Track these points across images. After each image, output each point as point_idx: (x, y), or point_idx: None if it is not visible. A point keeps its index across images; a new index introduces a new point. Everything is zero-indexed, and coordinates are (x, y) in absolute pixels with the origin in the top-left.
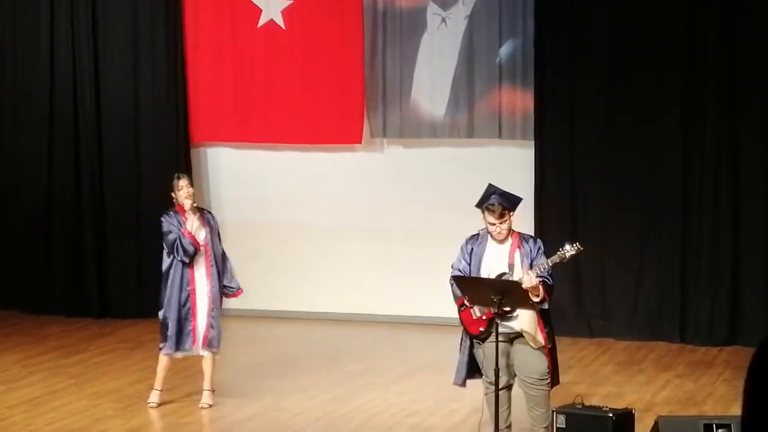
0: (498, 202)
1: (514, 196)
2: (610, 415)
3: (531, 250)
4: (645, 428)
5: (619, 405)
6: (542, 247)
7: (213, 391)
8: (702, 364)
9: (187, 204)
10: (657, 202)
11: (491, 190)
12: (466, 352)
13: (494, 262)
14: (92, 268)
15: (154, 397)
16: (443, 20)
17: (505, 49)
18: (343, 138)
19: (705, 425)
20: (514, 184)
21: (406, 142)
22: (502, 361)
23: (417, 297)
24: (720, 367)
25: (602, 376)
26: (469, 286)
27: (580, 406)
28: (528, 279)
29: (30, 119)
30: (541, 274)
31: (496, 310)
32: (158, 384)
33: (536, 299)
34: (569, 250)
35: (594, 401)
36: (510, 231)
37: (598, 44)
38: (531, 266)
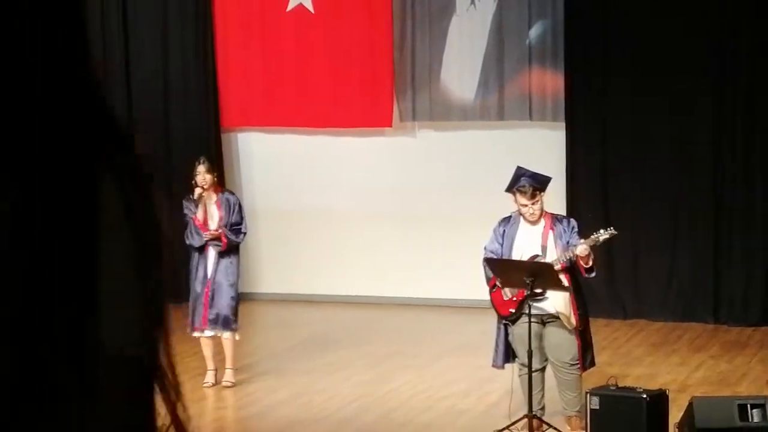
0: (528, 183)
1: (543, 176)
2: (644, 396)
3: (564, 230)
4: (679, 409)
5: (653, 386)
6: (576, 226)
7: (235, 370)
8: (736, 344)
9: (196, 191)
10: (689, 182)
11: (520, 172)
12: (503, 333)
13: (527, 244)
14: None
15: (209, 377)
16: (472, 2)
17: (534, 31)
18: (373, 122)
19: (739, 405)
20: (546, 165)
21: (436, 125)
22: (534, 343)
23: (449, 280)
24: (754, 347)
25: (635, 357)
26: (500, 268)
27: (614, 388)
28: (583, 248)
29: None
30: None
31: (528, 292)
32: (209, 364)
33: (587, 265)
34: (603, 234)
35: (627, 382)
36: (542, 212)
37: (627, 24)
38: (567, 246)
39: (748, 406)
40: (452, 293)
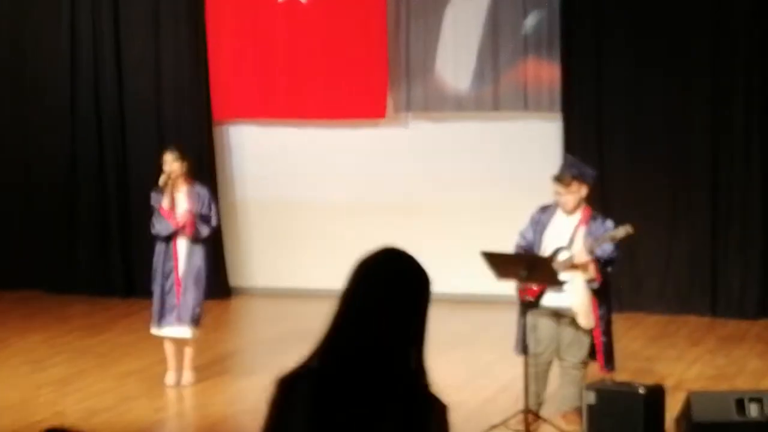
0: (567, 172)
1: (588, 168)
2: (641, 391)
3: (597, 229)
4: (676, 404)
5: (650, 381)
6: (610, 227)
7: (189, 371)
8: (733, 338)
9: (161, 179)
10: (686, 173)
11: (567, 161)
12: (524, 321)
13: (557, 234)
14: (117, 247)
15: (170, 377)
16: None
17: (530, 20)
18: (367, 112)
19: (737, 400)
20: (541, 156)
21: (431, 116)
22: (546, 334)
23: (443, 272)
24: (751, 341)
25: (632, 351)
26: (497, 261)
27: (611, 383)
28: (580, 255)
29: (52, 98)
30: (597, 254)
31: (521, 287)
32: (170, 363)
33: (586, 276)
34: (619, 231)
35: (624, 377)
36: (579, 205)
37: (624, 14)
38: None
39: (746, 400)
40: (446, 286)
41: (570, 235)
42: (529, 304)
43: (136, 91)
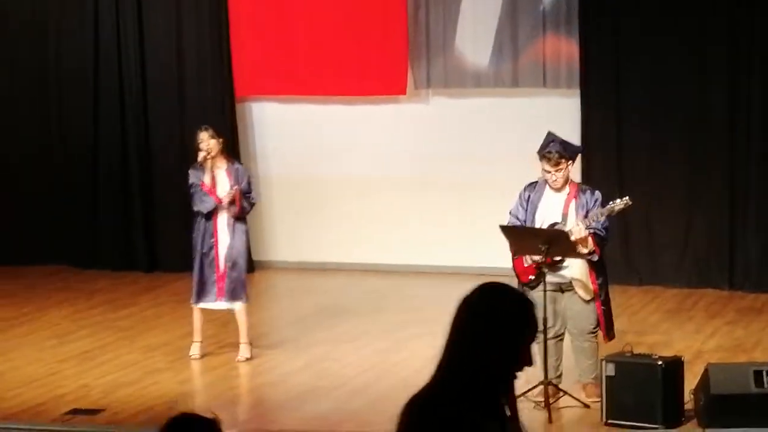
0: (556, 150)
1: (574, 145)
2: (660, 362)
3: (587, 202)
4: (695, 376)
5: (669, 353)
6: (600, 198)
7: (250, 344)
8: (751, 310)
9: (200, 156)
10: (704, 147)
11: (550, 138)
12: None
13: (549, 211)
14: (140, 222)
15: (195, 349)
16: None
17: None
18: (388, 89)
19: (755, 372)
20: (560, 132)
21: (450, 92)
22: (550, 309)
23: (462, 248)
24: None
25: (651, 324)
26: (516, 235)
27: (629, 354)
28: (578, 230)
29: (75, 75)
30: (591, 226)
31: (543, 260)
32: (196, 335)
33: (585, 250)
34: (618, 203)
35: (643, 349)
36: (567, 180)
37: None
38: (586, 217)
39: (764, 372)
40: (466, 261)
41: (561, 210)
42: (531, 283)
43: (158, 69)
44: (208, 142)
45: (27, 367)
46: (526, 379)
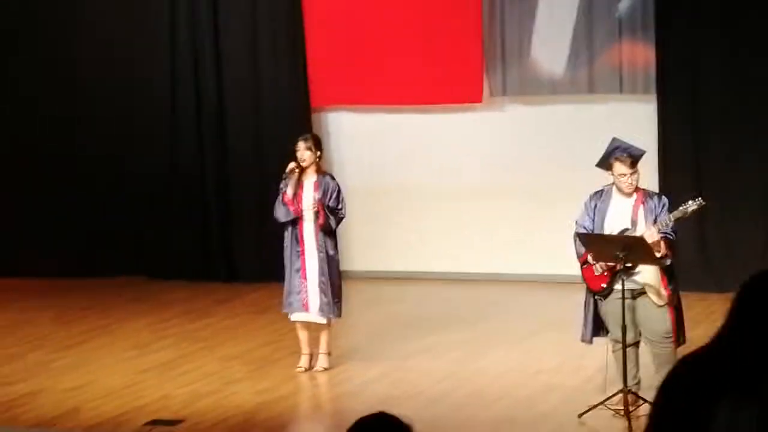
0: (628, 153)
1: (638, 149)
2: None
3: (655, 207)
4: None
5: None
6: (667, 203)
7: (329, 353)
8: None
9: (289, 166)
10: None
11: (616, 144)
12: (592, 308)
13: (617, 218)
14: (217, 233)
15: (302, 361)
16: None
17: (624, 2)
18: (463, 97)
19: None
20: (637, 139)
21: (526, 100)
22: (627, 317)
23: (539, 255)
24: None
25: None
26: (593, 243)
27: None
28: (649, 235)
29: (152, 89)
30: (663, 230)
31: (621, 267)
32: (303, 348)
33: (658, 255)
34: (691, 204)
35: None
36: (637, 185)
37: None
38: (655, 222)
39: None
40: (543, 268)
41: (631, 216)
42: (603, 292)
43: (234, 81)
44: (302, 152)
45: (106, 379)
46: (605, 388)
